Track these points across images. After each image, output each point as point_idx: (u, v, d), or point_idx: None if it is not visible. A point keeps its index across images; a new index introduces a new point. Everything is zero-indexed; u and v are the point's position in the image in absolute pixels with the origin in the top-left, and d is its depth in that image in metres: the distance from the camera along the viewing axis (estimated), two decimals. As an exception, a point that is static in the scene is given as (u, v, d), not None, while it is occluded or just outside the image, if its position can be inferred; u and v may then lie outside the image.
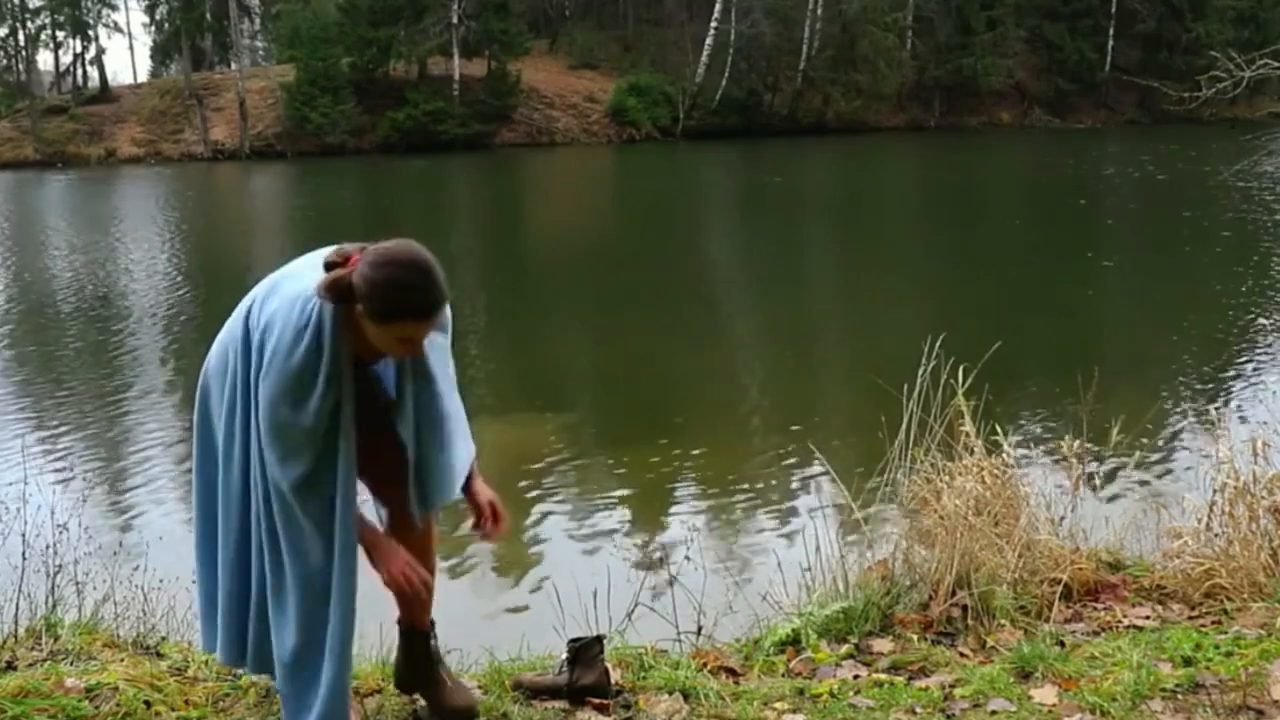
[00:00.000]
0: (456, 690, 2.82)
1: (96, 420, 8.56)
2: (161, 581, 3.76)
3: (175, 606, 3.65)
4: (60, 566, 3.57)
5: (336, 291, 2.24)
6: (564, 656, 2.95)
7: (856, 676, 3.07)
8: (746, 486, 6.74)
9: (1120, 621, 3.46)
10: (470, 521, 2.71)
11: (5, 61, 45.88)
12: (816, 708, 2.87)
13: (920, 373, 3.76)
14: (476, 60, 43.42)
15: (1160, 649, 3.12)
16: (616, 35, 50.24)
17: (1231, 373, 9.22)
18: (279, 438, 2.33)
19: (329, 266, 2.27)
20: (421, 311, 2.25)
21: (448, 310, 2.43)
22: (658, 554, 5.39)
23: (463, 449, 2.59)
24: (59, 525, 3.66)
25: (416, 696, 2.85)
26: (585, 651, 2.91)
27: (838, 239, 19.87)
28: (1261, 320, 11.08)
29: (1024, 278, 14.49)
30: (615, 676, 2.98)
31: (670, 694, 2.92)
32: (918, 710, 2.84)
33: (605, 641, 3.02)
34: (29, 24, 45.81)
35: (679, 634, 3.51)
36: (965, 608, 3.39)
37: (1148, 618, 3.50)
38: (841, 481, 4.09)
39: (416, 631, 2.79)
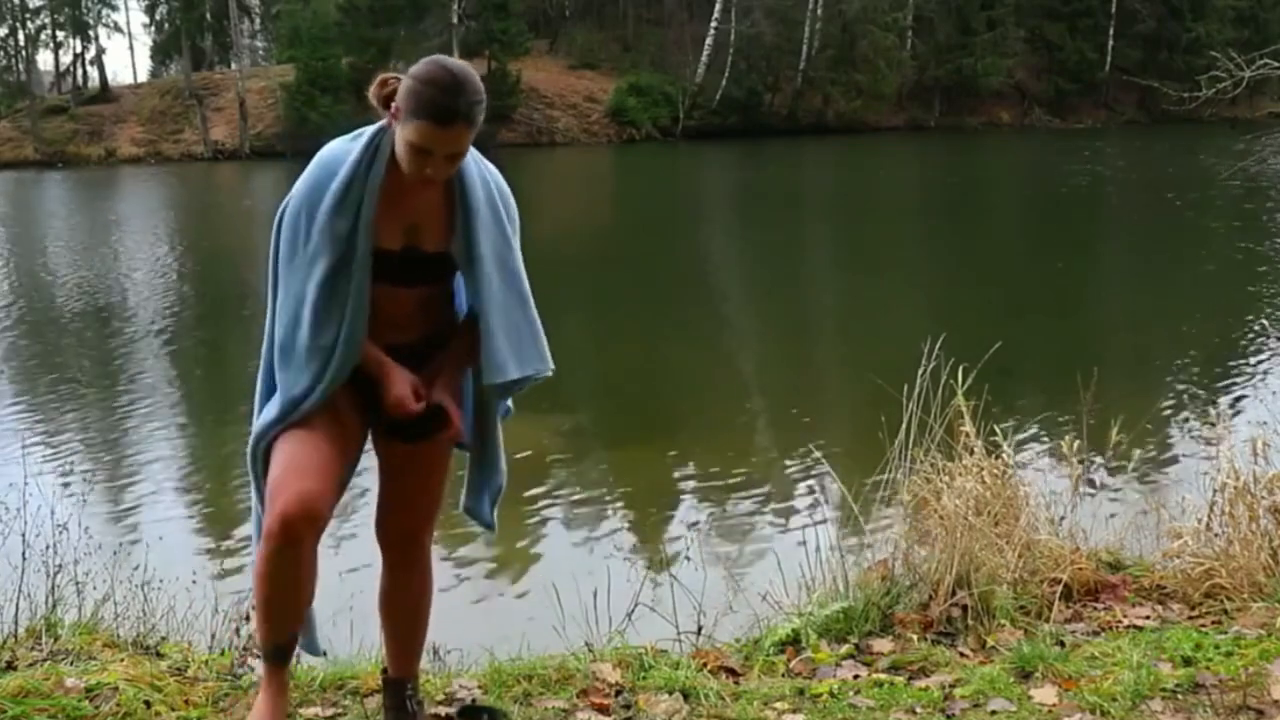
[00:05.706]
0: None
1: (96, 420, 8.57)
2: (161, 581, 3.77)
3: (175, 606, 3.66)
4: (60, 566, 3.57)
5: (384, 96, 2.27)
6: None
7: (856, 676, 3.07)
8: (746, 487, 6.74)
9: (1120, 621, 3.46)
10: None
11: (5, 61, 45.88)
12: (816, 708, 2.87)
13: (920, 373, 3.75)
14: (476, 60, 43.26)
15: (1160, 649, 3.12)
16: (616, 35, 50.18)
17: (1231, 373, 9.23)
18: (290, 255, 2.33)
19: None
20: (436, 112, 2.17)
21: (512, 203, 2.44)
22: (658, 554, 5.40)
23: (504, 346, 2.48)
24: (59, 525, 3.66)
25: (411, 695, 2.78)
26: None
27: (838, 239, 19.87)
28: (1262, 320, 11.07)
29: (1024, 277, 14.49)
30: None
31: (670, 694, 2.91)
32: (918, 710, 2.84)
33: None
34: (29, 24, 45.82)
35: (679, 634, 3.50)
36: (965, 608, 3.38)
37: (1148, 618, 3.49)
38: (841, 481, 4.09)
39: (391, 681, 2.65)
